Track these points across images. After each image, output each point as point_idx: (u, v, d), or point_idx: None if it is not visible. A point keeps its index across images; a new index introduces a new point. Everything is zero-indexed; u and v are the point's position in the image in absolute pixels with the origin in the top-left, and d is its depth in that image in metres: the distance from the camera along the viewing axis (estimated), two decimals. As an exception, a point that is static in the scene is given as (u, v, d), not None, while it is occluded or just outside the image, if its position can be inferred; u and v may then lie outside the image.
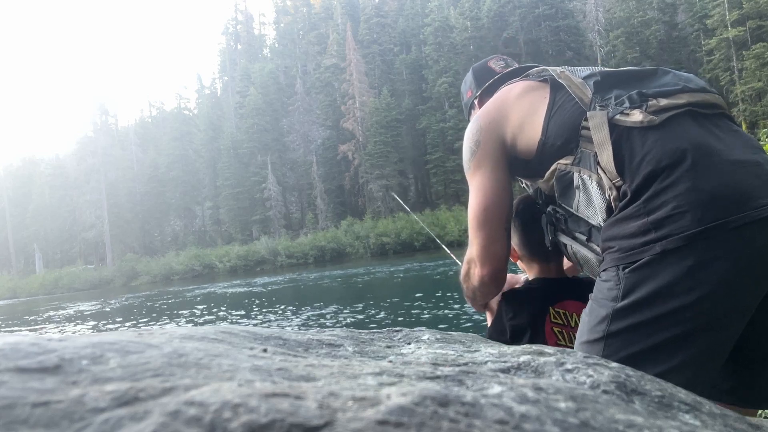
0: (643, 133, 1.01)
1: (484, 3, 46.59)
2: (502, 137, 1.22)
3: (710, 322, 0.93)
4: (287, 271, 31.18)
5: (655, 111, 1.01)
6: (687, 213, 0.93)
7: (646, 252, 0.96)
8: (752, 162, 0.98)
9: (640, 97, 1.04)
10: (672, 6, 42.38)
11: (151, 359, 0.39)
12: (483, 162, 1.24)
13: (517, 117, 1.20)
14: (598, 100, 1.07)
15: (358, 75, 48.42)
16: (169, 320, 12.86)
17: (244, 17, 75.04)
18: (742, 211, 0.92)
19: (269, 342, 0.56)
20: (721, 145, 0.99)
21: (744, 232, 0.92)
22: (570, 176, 1.10)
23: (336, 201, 48.70)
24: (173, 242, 56.51)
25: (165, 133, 63.62)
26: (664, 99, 1.03)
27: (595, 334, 1.01)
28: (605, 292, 1.02)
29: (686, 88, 1.06)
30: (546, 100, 1.16)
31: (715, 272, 0.92)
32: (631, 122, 1.01)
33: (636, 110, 1.02)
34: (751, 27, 33.92)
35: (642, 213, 0.97)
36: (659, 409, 0.44)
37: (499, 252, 1.24)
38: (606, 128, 1.03)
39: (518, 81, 1.28)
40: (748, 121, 33.26)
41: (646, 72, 1.14)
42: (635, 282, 0.97)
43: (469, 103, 1.57)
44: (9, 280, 55.00)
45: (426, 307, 9.65)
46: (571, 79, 1.14)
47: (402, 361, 0.53)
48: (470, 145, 1.27)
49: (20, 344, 0.37)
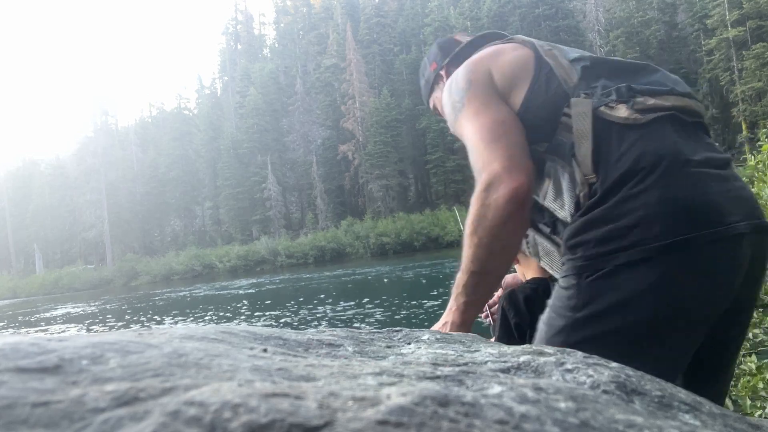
0: (624, 130, 0.96)
1: (484, 3, 46.59)
2: (495, 85, 1.08)
3: (667, 340, 0.91)
4: (287, 271, 31.18)
5: (642, 110, 0.96)
6: (655, 224, 0.89)
7: (610, 261, 0.91)
8: (723, 177, 0.96)
9: (629, 91, 0.98)
10: (672, 6, 42.39)
11: (151, 359, 0.39)
12: (483, 93, 1.07)
13: (508, 71, 1.08)
14: (583, 87, 1.00)
15: (358, 75, 48.40)
16: (169, 320, 12.86)
17: (244, 17, 75.02)
18: (711, 227, 0.89)
19: (269, 342, 0.56)
20: (697, 156, 0.95)
21: (710, 250, 0.89)
22: (541, 163, 1.03)
23: (336, 201, 48.71)
24: (173, 242, 56.49)
25: (165, 133, 63.62)
26: (651, 98, 0.98)
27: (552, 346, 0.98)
28: (564, 300, 0.97)
29: (674, 90, 1.02)
30: (531, 73, 1.06)
31: (677, 289, 0.89)
32: (616, 117, 0.96)
33: (622, 105, 0.96)
34: (751, 27, 33.92)
35: (609, 218, 0.92)
36: (659, 409, 0.44)
37: (529, 164, 1.00)
38: (590, 119, 0.97)
39: (503, 42, 1.18)
40: (748, 121, 33.26)
41: (636, 66, 1.08)
42: (596, 292, 0.93)
43: (432, 78, 1.37)
44: (9, 280, 55.02)
45: (426, 307, 9.65)
46: (558, 59, 1.06)
47: (402, 361, 0.53)
48: (461, 85, 1.10)
49: (20, 344, 0.37)
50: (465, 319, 1.03)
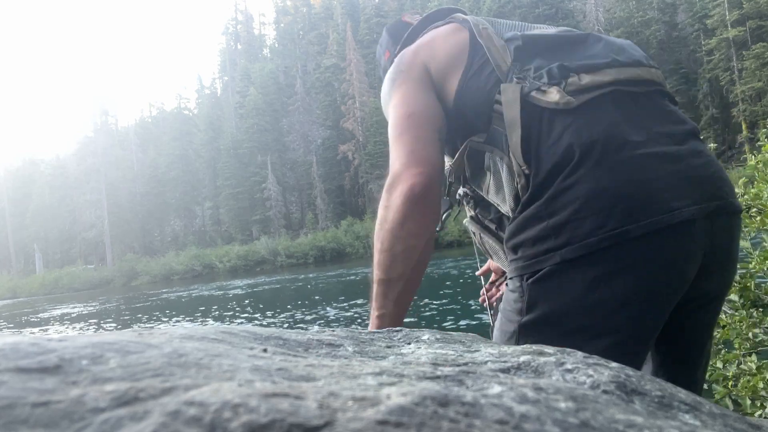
0: (556, 116, 0.88)
1: (484, 3, 46.57)
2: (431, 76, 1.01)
3: (618, 341, 0.85)
4: (287, 271, 31.18)
5: (575, 91, 0.88)
6: (587, 219, 0.83)
7: (547, 261, 0.87)
8: (675, 156, 0.87)
9: (561, 71, 0.89)
10: (672, 6, 42.39)
11: (151, 359, 0.39)
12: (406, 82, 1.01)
13: (443, 59, 1.01)
14: (516, 70, 0.92)
15: (358, 75, 48.40)
16: (169, 320, 12.87)
17: (244, 17, 75.05)
18: (650, 216, 0.82)
19: (269, 342, 0.56)
20: (639, 135, 0.87)
21: (651, 241, 0.82)
22: (482, 155, 0.97)
23: (336, 201, 48.72)
24: (173, 242, 56.51)
25: (165, 133, 63.64)
26: (587, 75, 0.89)
27: None
28: (511, 304, 0.93)
29: (615, 61, 0.91)
30: (465, 58, 0.99)
31: (618, 287, 0.83)
32: (546, 102, 0.88)
33: (554, 88, 0.88)
34: (751, 27, 33.92)
35: (543, 215, 0.87)
36: (659, 409, 0.44)
37: (433, 156, 0.95)
38: (517, 106, 0.89)
39: (444, 24, 1.11)
40: (748, 121, 33.26)
41: (574, 38, 0.99)
42: (538, 294, 0.88)
43: (388, 66, 1.27)
44: (9, 280, 55.00)
45: (426, 307, 9.65)
46: (493, 40, 0.98)
47: (402, 361, 0.53)
48: (391, 76, 1.05)
49: (20, 344, 0.37)
50: None
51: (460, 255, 21.76)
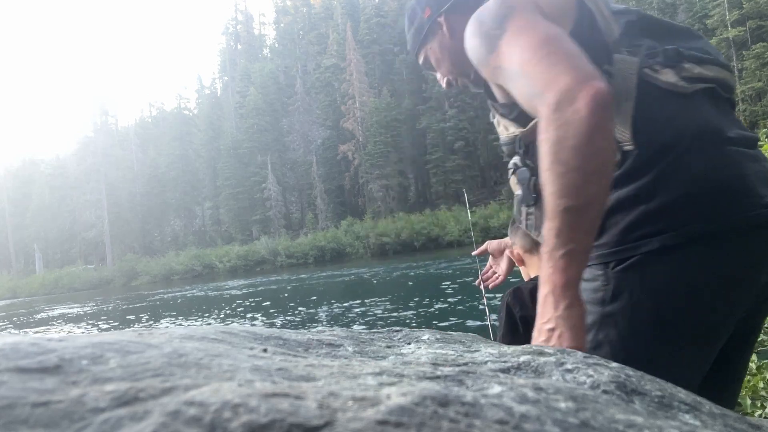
0: (668, 97, 0.88)
1: (484, 3, 46.50)
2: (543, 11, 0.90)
3: (703, 334, 0.84)
4: (287, 271, 31.18)
5: (688, 77, 0.89)
6: (694, 205, 0.82)
7: (642, 247, 0.83)
8: (755, 157, 0.89)
9: (677, 55, 0.89)
10: (672, 6, 42.39)
11: (151, 359, 0.39)
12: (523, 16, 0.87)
13: (553, 2, 0.92)
14: (626, 44, 0.91)
15: (358, 75, 48.42)
16: (169, 320, 12.86)
17: (244, 17, 75.08)
18: (753, 210, 0.82)
19: (269, 342, 0.56)
20: (733, 134, 0.88)
21: (753, 235, 0.82)
22: None
23: (336, 201, 48.73)
24: (173, 242, 56.51)
25: (165, 133, 63.67)
26: (697, 66, 0.90)
27: None
28: (590, 293, 0.88)
29: (716, 60, 0.93)
30: (574, 12, 0.92)
31: (716, 278, 0.82)
32: (662, 82, 0.88)
33: (669, 70, 0.88)
34: (751, 27, 33.93)
35: (641, 197, 0.84)
36: (659, 409, 0.44)
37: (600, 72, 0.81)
38: (635, 78, 0.87)
39: None
40: (748, 121, 33.24)
41: (680, 29, 0.99)
42: (627, 282, 0.85)
43: (426, 26, 1.12)
44: (9, 280, 55.03)
45: (426, 307, 9.64)
46: (600, 7, 0.93)
47: (402, 361, 0.53)
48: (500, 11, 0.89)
49: (20, 344, 0.37)
50: (570, 277, 0.74)
51: (459, 255, 21.76)
